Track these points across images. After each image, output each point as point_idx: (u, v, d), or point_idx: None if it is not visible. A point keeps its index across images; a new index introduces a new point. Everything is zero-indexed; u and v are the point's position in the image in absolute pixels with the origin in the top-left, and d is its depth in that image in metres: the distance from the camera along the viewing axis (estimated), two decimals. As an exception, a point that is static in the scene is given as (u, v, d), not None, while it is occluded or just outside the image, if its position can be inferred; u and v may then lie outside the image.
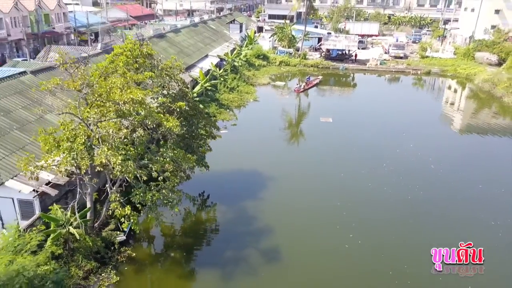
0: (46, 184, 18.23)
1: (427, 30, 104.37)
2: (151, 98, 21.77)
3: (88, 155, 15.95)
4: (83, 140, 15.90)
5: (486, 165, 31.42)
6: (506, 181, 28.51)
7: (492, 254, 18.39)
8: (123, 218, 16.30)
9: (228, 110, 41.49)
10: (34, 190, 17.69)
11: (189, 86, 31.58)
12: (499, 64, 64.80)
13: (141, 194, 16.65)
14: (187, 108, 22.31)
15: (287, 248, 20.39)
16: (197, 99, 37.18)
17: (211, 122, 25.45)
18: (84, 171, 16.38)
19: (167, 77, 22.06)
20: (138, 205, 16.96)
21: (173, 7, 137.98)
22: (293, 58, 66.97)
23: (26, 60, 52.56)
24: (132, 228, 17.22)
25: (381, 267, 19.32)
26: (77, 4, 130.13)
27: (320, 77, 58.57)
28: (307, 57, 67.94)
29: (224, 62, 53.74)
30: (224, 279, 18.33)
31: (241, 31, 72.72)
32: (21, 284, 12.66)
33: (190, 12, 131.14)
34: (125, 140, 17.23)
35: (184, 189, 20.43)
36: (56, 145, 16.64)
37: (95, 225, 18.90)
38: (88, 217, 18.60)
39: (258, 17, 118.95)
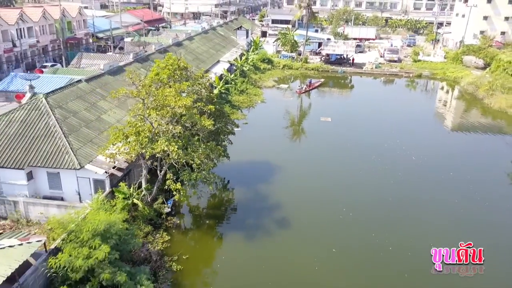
0: (113, 168, 24.16)
1: (417, 34, 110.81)
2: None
3: (151, 145, 21.88)
4: (147, 134, 21.85)
5: (460, 156, 37.47)
6: (472, 169, 34.51)
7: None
8: (175, 192, 22.24)
9: (239, 111, 47.36)
10: (105, 172, 23.62)
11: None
12: (485, 67, 70.65)
13: (188, 174, 22.61)
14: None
15: (294, 218, 26.34)
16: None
17: (231, 121, 31.35)
18: (148, 157, 22.32)
19: (199, 86, 27.94)
20: (185, 182, 22.89)
21: (179, 10, 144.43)
22: (296, 62, 72.91)
23: (55, 65, 58.64)
24: (181, 199, 23.11)
25: (367, 234, 25.25)
26: (86, 7, 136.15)
27: (322, 79, 64.50)
28: (308, 61, 73.86)
29: (234, 67, 59.67)
30: (247, 240, 24.24)
31: (247, 36, 78.64)
32: (116, 231, 18.57)
33: (198, 15, 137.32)
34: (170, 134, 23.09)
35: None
36: (125, 138, 22.58)
37: (148, 199, 24.82)
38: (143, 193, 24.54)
39: (261, 21, 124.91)
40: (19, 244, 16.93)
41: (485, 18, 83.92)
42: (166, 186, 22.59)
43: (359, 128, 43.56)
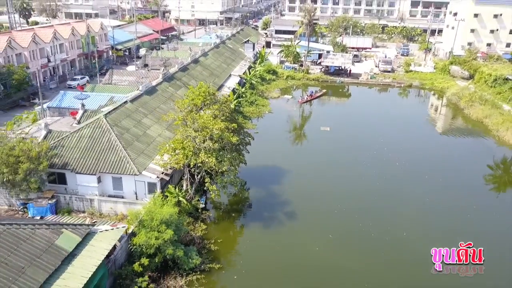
0: (162, 173, 31.64)
1: (412, 41, 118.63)
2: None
3: (194, 157, 29.36)
4: (191, 149, 29.34)
5: (436, 161, 44.90)
6: (450, 172, 42.03)
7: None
8: (211, 191, 29.73)
9: (250, 121, 54.82)
10: (157, 177, 31.11)
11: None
12: (470, 77, 77.97)
13: (220, 179, 30.12)
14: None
15: (298, 211, 33.81)
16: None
17: (248, 134, 38.77)
18: (193, 165, 29.80)
19: (225, 108, 35.35)
20: (218, 184, 30.40)
21: (186, 17, 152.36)
22: (298, 73, 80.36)
23: (84, 77, 66.13)
24: (216, 197, 30.49)
25: (356, 223, 32.77)
26: (96, 14, 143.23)
27: (324, 90, 71.87)
28: (309, 71, 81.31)
29: (243, 80, 67.15)
30: (263, 228, 31.74)
31: (253, 49, 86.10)
32: (173, 220, 26.06)
33: (204, 22, 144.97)
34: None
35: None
36: (173, 151, 30.06)
37: (190, 197, 32.31)
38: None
39: (265, 28, 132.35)
40: (111, 229, 24.41)
41: (472, 31, 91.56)
42: (205, 187, 30.11)
43: (354, 137, 51.08)
